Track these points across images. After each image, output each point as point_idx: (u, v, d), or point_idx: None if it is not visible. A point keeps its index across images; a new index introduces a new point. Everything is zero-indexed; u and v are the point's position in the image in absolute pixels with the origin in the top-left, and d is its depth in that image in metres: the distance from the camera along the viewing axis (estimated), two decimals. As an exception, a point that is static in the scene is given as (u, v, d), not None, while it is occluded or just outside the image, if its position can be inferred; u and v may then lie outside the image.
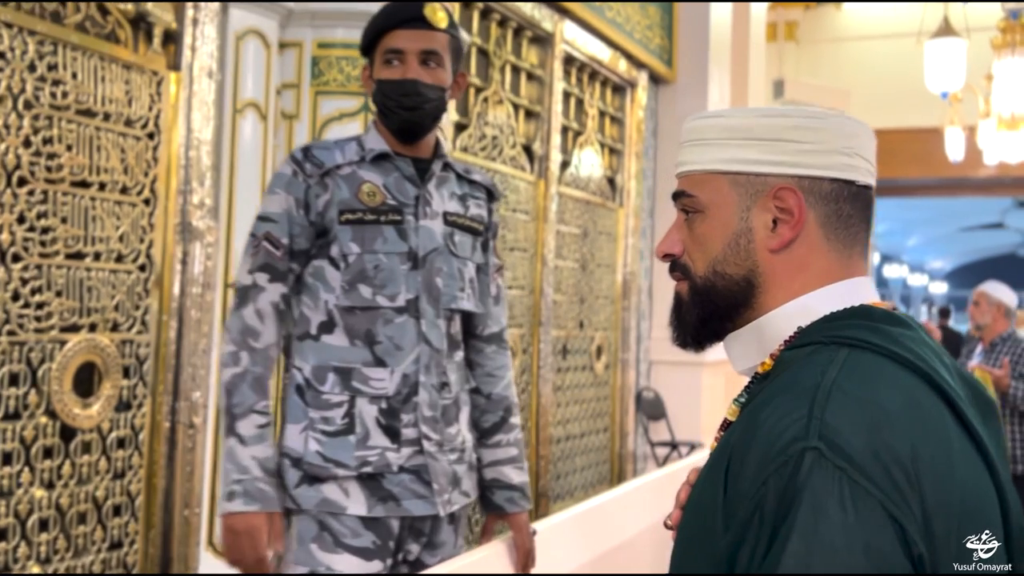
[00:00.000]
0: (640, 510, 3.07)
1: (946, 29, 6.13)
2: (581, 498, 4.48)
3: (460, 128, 3.81)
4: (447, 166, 1.81)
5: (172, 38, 2.49)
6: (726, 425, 0.85)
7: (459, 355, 1.81)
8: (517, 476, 1.86)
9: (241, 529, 1.61)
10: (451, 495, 1.74)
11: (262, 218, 1.73)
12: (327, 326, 1.71)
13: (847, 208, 0.85)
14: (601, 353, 5.08)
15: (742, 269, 0.86)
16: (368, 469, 1.67)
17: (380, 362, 1.69)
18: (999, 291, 4.30)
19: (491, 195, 1.89)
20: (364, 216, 1.69)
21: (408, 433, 1.69)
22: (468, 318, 1.86)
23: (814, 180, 0.84)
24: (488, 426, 1.87)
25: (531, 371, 4.38)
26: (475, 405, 1.88)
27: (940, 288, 26.98)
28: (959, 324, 12.14)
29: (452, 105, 3.74)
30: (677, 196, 0.90)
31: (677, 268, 0.90)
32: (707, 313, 0.88)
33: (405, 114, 1.70)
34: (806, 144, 0.84)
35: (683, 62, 5.63)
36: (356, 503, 1.67)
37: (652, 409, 5.41)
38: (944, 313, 10.49)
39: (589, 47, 4.70)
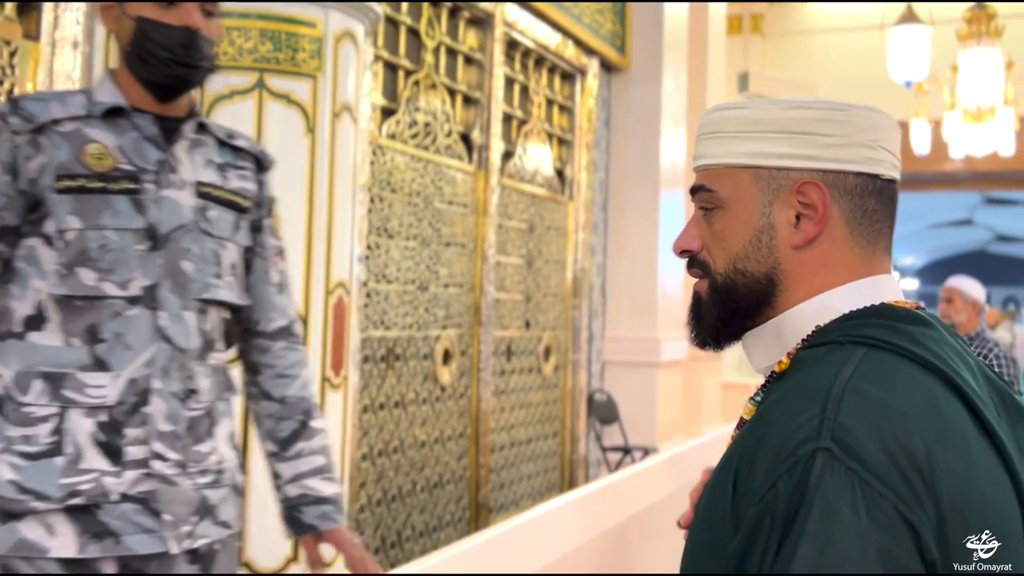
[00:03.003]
0: (580, 521, 2.87)
1: (909, 16, 5.96)
2: (527, 507, 4.23)
3: (387, 113, 3.54)
4: (203, 128, 1.51)
5: (30, 4, 2.21)
6: (741, 424, 0.85)
7: (216, 357, 1.51)
8: (328, 487, 1.57)
9: None
10: (195, 527, 1.43)
11: None
12: (35, 321, 1.39)
13: (872, 203, 0.84)
14: (550, 354, 4.83)
15: (763, 266, 0.85)
16: (79, 500, 1.36)
17: (101, 365, 1.38)
18: (972, 287, 4.05)
19: (260, 165, 1.59)
20: (87, 183, 1.37)
21: (133, 452, 1.38)
22: (241, 312, 1.57)
23: (838, 174, 0.83)
24: (286, 435, 1.58)
25: (470, 374, 4.12)
26: (268, 413, 1.59)
27: (911, 284, 27.13)
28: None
29: (378, 88, 3.47)
30: (696, 191, 0.88)
31: (696, 265, 0.89)
32: (728, 312, 0.87)
33: (180, 69, 1.40)
34: (830, 137, 0.83)
35: (637, 49, 5.39)
36: (63, 543, 1.35)
37: (605, 412, 5.17)
38: (914, 309, 10.37)
39: (533, 30, 4.45)
